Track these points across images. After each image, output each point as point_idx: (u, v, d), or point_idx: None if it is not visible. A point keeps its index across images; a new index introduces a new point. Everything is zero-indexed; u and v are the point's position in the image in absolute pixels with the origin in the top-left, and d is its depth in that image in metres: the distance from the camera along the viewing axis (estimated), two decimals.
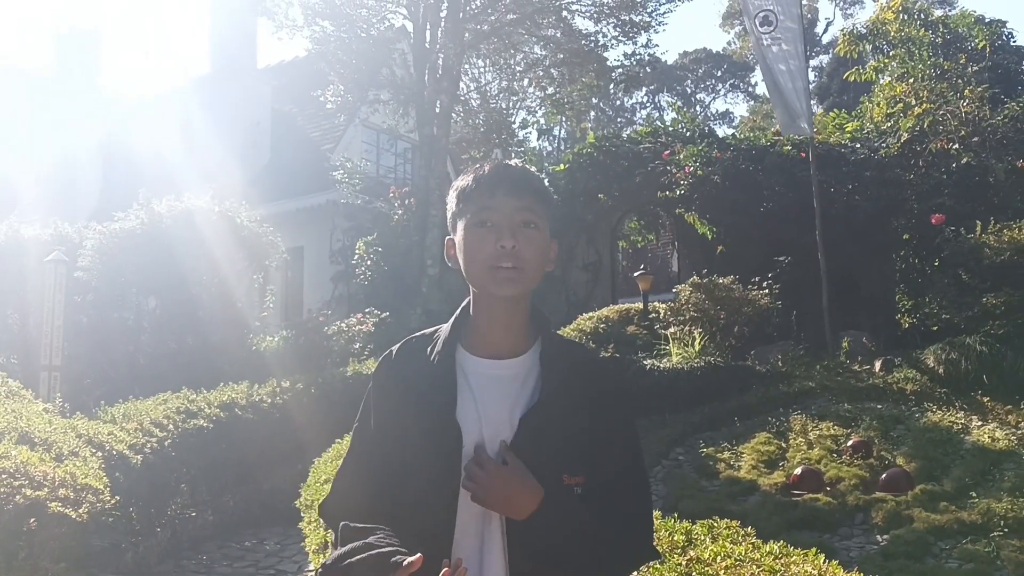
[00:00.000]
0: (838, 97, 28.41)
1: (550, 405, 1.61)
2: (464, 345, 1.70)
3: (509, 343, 1.69)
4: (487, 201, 1.65)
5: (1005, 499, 6.36)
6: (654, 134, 14.67)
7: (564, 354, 1.70)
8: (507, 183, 1.66)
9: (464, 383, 1.66)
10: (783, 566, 2.67)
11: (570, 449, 1.60)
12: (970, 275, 9.31)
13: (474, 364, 1.68)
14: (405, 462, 1.64)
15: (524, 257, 1.63)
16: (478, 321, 1.71)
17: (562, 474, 1.58)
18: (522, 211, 1.65)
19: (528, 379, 1.66)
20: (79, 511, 3.69)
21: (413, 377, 1.69)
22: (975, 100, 11.08)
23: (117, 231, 10.89)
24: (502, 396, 1.64)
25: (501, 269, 1.62)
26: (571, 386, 1.65)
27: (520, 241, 1.63)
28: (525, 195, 1.67)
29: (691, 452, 8.36)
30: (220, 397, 7.82)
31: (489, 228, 1.64)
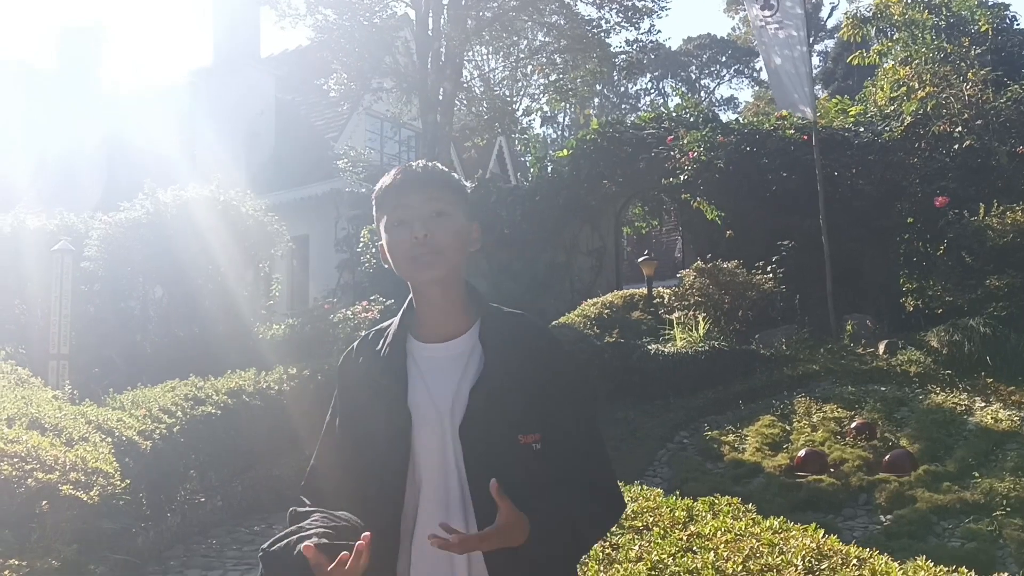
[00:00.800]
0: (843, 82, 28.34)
1: (496, 373, 1.73)
2: (413, 335, 1.84)
3: (450, 325, 1.81)
4: (397, 201, 1.80)
5: (1008, 479, 6.38)
6: (658, 120, 14.65)
7: (504, 324, 1.82)
8: (412, 182, 1.81)
9: (415, 369, 1.79)
10: (782, 540, 2.71)
11: (522, 411, 1.72)
12: (973, 257, 9.29)
13: (422, 350, 1.82)
14: (362, 448, 1.77)
15: (439, 241, 1.76)
16: (420, 310, 1.84)
17: (517, 435, 1.70)
18: (430, 202, 1.78)
19: (473, 355, 1.78)
20: (90, 494, 3.75)
21: (369, 370, 1.83)
22: (978, 83, 11.04)
23: (123, 221, 10.94)
24: (451, 375, 1.77)
25: (419, 256, 1.75)
26: (514, 352, 1.76)
27: (432, 229, 1.76)
28: (430, 188, 1.80)
29: (696, 435, 8.40)
30: (227, 384, 7.88)
31: (404, 224, 1.78)
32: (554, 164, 15.68)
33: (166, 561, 6.20)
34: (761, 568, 2.46)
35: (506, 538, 1.59)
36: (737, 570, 2.46)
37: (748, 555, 2.56)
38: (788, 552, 2.58)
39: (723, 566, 2.50)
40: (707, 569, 2.48)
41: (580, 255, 15.14)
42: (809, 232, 10.81)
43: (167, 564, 6.14)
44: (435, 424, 1.74)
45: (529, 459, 1.70)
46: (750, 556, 2.55)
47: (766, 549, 2.61)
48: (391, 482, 1.74)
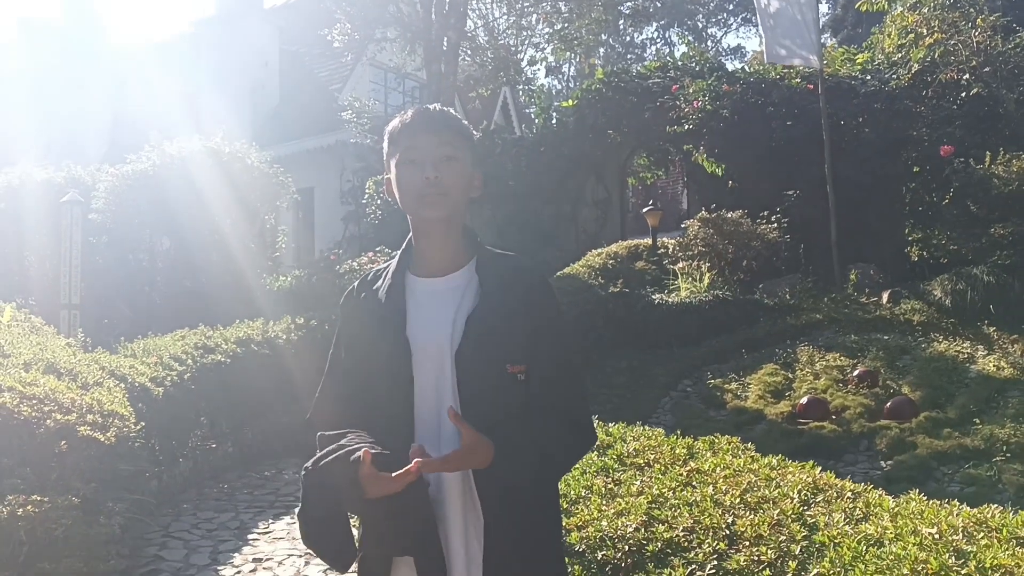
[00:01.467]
0: (852, 30, 27.91)
1: (489, 305, 1.85)
2: (411, 271, 1.95)
3: (447, 261, 1.93)
4: (411, 141, 1.89)
5: (1008, 425, 6.46)
6: (663, 69, 14.51)
7: (498, 262, 1.94)
8: (427, 124, 1.90)
9: (413, 300, 1.90)
10: (779, 475, 2.79)
11: (511, 342, 1.83)
12: (978, 206, 9.27)
13: (420, 284, 1.93)
14: (368, 377, 1.89)
15: (447, 184, 1.87)
16: (419, 246, 1.95)
17: (505, 364, 1.81)
18: (442, 146, 1.88)
19: (468, 289, 1.90)
20: (107, 435, 3.85)
21: (370, 305, 1.94)
22: (987, 29, 10.90)
23: (130, 173, 10.96)
24: (446, 306, 1.88)
25: (428, 196, 1.85)
26: (506, 288, 1.88)
27: (443, 172, 1.86)
28: (444, 132, 1.90)
29: (699, 384, 8.49)
30: (236, 333, 7.97)
31: (416, 164, 1.87)
32: (559, 115, 15.59)
33: (179, 504, 6.34)
34: (758, 500, 2.53)
35: (468, 460, 1.72)
36: (735, 502, 2.54)
37: (746, 488, 2.64)
38: (785, 486, 2.66)
39: (721, 499, 2.58)
40: (705, 501, 2.56)
41: (585, 206, 15.14)
42: (814, 182, 10.78)
43: (180, 507, 6.28)
44: (433, 351, 1.85)
45: (514, 388, 1.83)
46: (747, 490, 2.63)
47: (763, 483, 2.69)
48: (399, 409, 1.84)
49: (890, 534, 2.16)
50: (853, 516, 2.38)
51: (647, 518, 2.55)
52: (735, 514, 2.46)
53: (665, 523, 2.51)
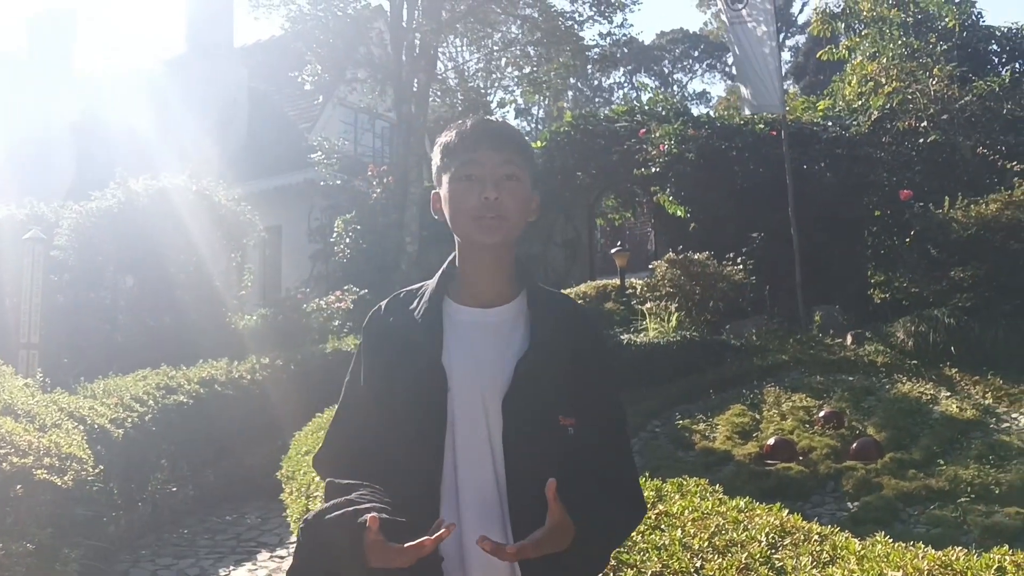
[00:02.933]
0: (814, 77, 28.59)
1: (541, 350, 1.66)
2: (451, 296, 1.76)
3: (495, 291, 1.74)
4: (470, 155, 1.70)
5: (972, 466, 6.52)
6: (630, 113, 14.75)
7: (550, 302, 1.76)
8: (489, 138, 1.72)
9: (452, 331, 1.70)
10: (747, 518, 2.79)
11: (561, 392, 1.66)
12: (938, 250, 9.45)
13: (462, 312, 1.74)
14: (394, 411, 1.68)
15: (507, 207, 1.68)
16: (465, 271, 1.76)
17: (557, 415, 1.64)
18: (504, 164, 1.70)
19: (515, 326, 1.71)
20: (64, 479, 3.75)
21: (401, 328, 1.73)
22: (944, 79, 11.22)
23: (93, 210, 10.85)
24: (491, 342, 1.70)
25: (485, 218, 1.67)
26: (558, 332, 1.70)
27: (503, 192, 1.68)
28: (506, 149, 1.71)
29: (667, 424, 8.49)
30: (200, 374, 7.87)
31: (473, 181, 1.69)
32: None
33: (138, 550, 6.20)
34: (726, 543, 2.52)
35: (555, 542, 1.50)
36: (703, 546, 2.53)
37: (714, 532, 2.63)
38: (752, 529, 2.65)
39: (690, 542, 2.57)
40: (674, 545, 2.55)
41: (554, 246, 15.23)
42: (778, 224, 10.95)
43: (139, 553, 6.15)
44: (472, 389, 1.66)
45: (564, 442, 1.65)
46: (716, 533, 2.62)
47: (731, 526, 2.68)
48: (427, 445, 1.65)
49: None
50: (820, 559, 2.38)
51: (615, 562, 2.53)
52: (704, 558, 2.44)
53: (634, 567, 2.49)
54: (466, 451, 1.64)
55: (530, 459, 1.60)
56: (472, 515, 1.62)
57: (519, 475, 1.60)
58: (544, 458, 1.59)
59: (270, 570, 5.78)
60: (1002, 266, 8.85)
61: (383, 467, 1.67)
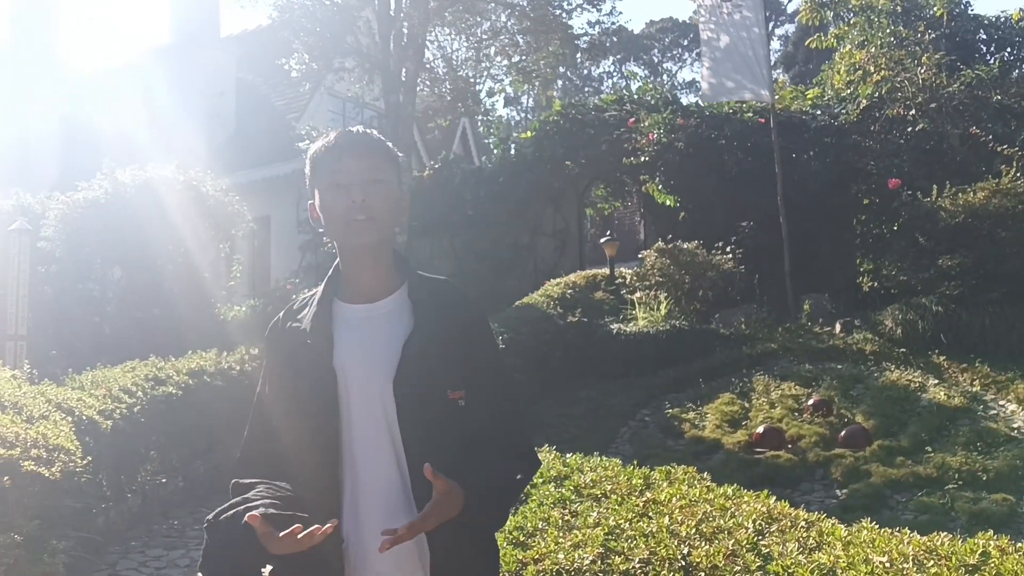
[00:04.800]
0: (803, 66, 28.60)
1: (426, 329, 1.78)
2: (340, 297, 1.88)
3: (378, 286, 1.86)
4: (337, 165, 1.82)
5: (959, 453, 6.60)
6: (620, 102, 14.73)
7: (430, 287, 1.88)
8: (353, 147, 1.84)
9: (344, 328, 1.83)
10: (734, 505, 2.80)
11: (449, 368, 1.77)
12: (927, 238, 9.50)
13: (350, 311, 1.86)
14: (293, 413, 1.81)
15: (375, 208, 1.80)
16: (347, 272, 1.88)
17: (446, 390, 1.75)
18: (369, 170, 1.82)
19: (401, 314, 1.83)
20: (52, 470, 3.73)
21: (295, 335, 1.86)
22: (932, 67, 11.25)
23: (80, 201, 10.76)
24: (380, 332, 1.81)
25: (355, 221, 1.79)
26: (440, 312, 1.82)
27: (370, 195, 1.79)
28: (370, 156, 1.84)
29: (657, 413, 8.53)
30: (188, 365, 7.81)
31: (341, 188, 1.80)
32: (517, 145, 15.71)
33: (127, 541, 6.17)
34: (713, 530, 2.54)
35: (445, 512, 1.63)
36: (691, 533, 2.54)
37: (701, 519, 2.64)
38: (740, 516, 2.67)
39: (677, 529, 2.58)
40: (662, 532, 2.56)
41: (544, 236, 15.23)
42: (767, 213, 10.98)
43: (128, 544, 6.12)
44: (367, 380, 1.77)
45: (455, 414, 1.76)
46: (703, 520, 2.64)
47: (719, 513, 2.69)
48: (324, 442, 1.77)
49: (843, 563, 2.18)
50: (807, 545, 2.39)
51: (604, 550, 2.54)
52: (691, 545, 2.46)
53: (622, 555, 2.50)
54: (366, 440, 1.77)
55: (426, 434, 1.73)
56: (375, 500, 1.75)
57: (417, 451, 1.71)
58: (439, 432, 1.73)
59: None
60: (989, 254, 8.90)
61: (289, 467, 1.79)
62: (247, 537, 1.58)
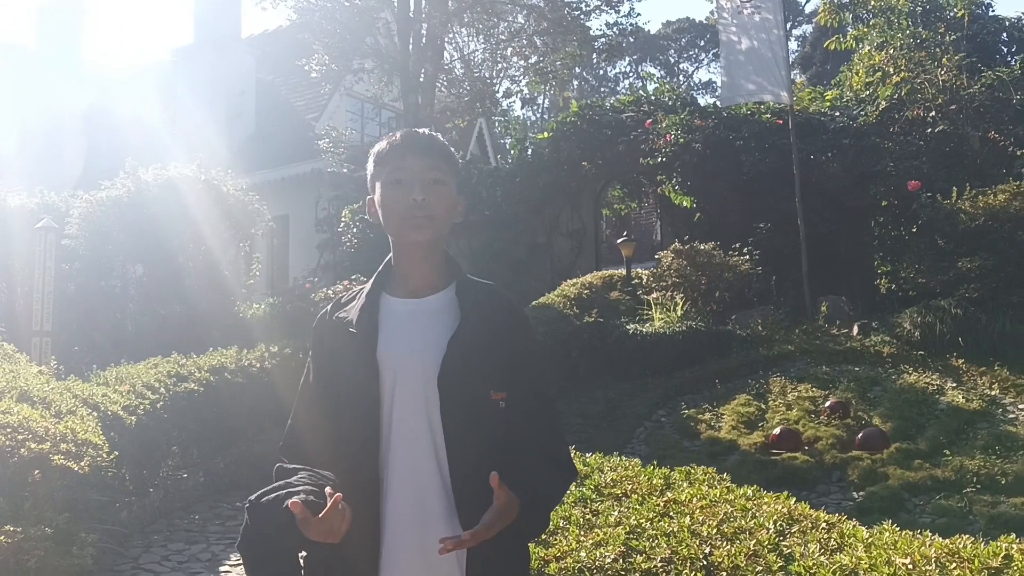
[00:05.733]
0: (821, 67, 28.49)
1: (471, 328, 1.82)
2: (388, 291, 1.93)
3: (427, 283, 1.91)
4: (399, 162, 1.88)
5: (978, 456, 6.57)
6: (636, 103, 14.74)
7: (477, 289, 1.93)
8: (416, 146, 1.89)
9: (390, 322, 1.87)
10: (755, 505, 2.83)
11: (492, 368, 1.81)
12: (946, 240, 9.46)
13: (397, 304, 1.90)
14: (336, 404, 1.85)
15: (433, 208, 1.85)
16: (399, 267, 1.93)
17: (489, 389, 1.80)
18: (430, 169, 1.87)
19: (447, 312, 1.87)
20: (80, 464, 3.81)
21: (342, 327, 1.90)
22: (952, 69, 11.21)
23: (104, 199, 10.90)
24: (426, 327, 1.86)
25: (415, 218, 1.84)
26: (486, 314, 1.86)
27: (430, 195, 1.85)
28: (432, 155, 1.89)
29: (673, 414, 8.54)
30: (210, 361, 7.91)
31: (402, 185, 1.86)
32: (534, 146, 15.74)
33: (149, 535, 6.25)
34: (734, 531, 2.57)
35: (504, 520, 1.66)
36: (712, 533, 2.57)
37: (722, 519, 2.67)
38: (760, 516, 2.70)
39: (698, 529, 2.61)
40: (683, 532, 2.59)
41: (560, 236, 15.26)
42: (785, 215, 10.96)
43: (151, 538, 6.20)
44: (411, 373, 1.81)
45: (496, 415, 1.81)
46: (724, 520, 2.67)
47: (739, 514, 2.72)
48: (367, 432, 1.81)
49: (864, 564, 2.20)
50: (828, 547, 2.42)
51: (625, 548, 2.57)
52: (712, 545, 2.49)
53: (643, 554, 2.53)
54: (405, 434, 1.80)
55: (468, 432, 1.77)
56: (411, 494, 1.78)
57: (458, 448, 1.76)
58: (480, 430, 1.77)
59: None
60: (1010, 257, 8.87)
61: (330, 456, 1.83)
62: (286, 521, 1.61)
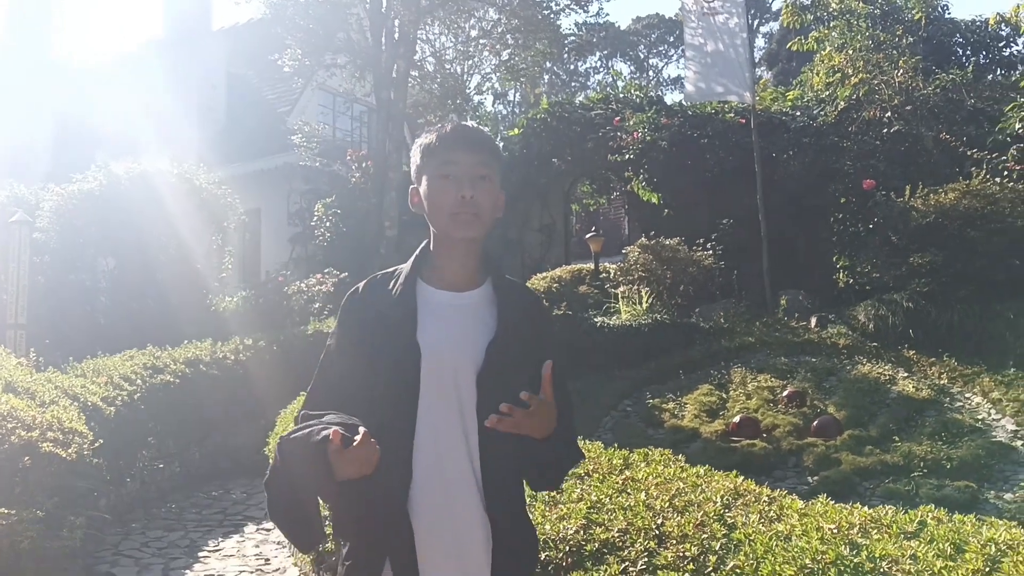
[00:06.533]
0: (787, 63, 28.90)
1: (508, 333, 1.88)
2: (424, 279, 1.95)
3: (465, 278, 1.94)
4: (448, 156, 1.89)
5: (925, 443, 6.88)
6: (605, 101, 15.01)
7: (513, 290, 1.98)
8: (465, 141, 1.91)
9: (426, 310, 1.89)
10: (705, 482, 3.08)
11: (522, 370, 1.85)
12: (899, 237, 9.78)
13: (434, 295, 1.92)
14: (372, 381, 1.86)
15: (480, 205, 1.88)
16: (439, 259, 1.95)
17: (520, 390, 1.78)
18: (478, 166, 1.89)
19: (486, 308, 1.92)
20: (68, 451, 3.97)
21: (379, 306, 1.91)
22: (908, 71, 11.56)
23: (75, 193, 10.92)
24: (463, 322, 1.89)
25: (462, 215, 1.87)
26: (521, 314, 1.93)
27: (477, 191, 1.87)
28: (481, 152, 1.91)
29: (639, 403, 8.79)
30: (185, 354, 8.04)
31: (451, 180, 1.88)
32: (505, 142, 15.95)
33: (128, 524, 6.40)
34: (685, 504, 2.81)
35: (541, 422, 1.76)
36: (664, 506, 2.81)
37: (674, 494, 2.91)
38: (709, 491, 2.95)
39: (652, 503, 2.85)
40: (639, 506, 2.83)
41: (531, 231, 15.49)
42: (748, 211, 11.27)
43: (129, 527, 6.34)
44: (444, 363, 1.84)
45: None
46: (676, 495, 2.91)
47: (690, 489, 2.96)
48: (400, 413, 1.83)
49: (797, 531, 2.45)
50: (768, 516, 2.67)
51: (586, 521, 2.81)
52: (664, 516, 2.73)
53: (602, 526, 2.77)
54: (436, 423, 1.83)
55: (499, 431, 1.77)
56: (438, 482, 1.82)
57: (490, 444, 1.81)
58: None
59: (257, 541, 6.02)
60: (958, 253, 9.19)
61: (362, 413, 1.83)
62: (318, 455, 1.64)
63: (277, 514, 1.79)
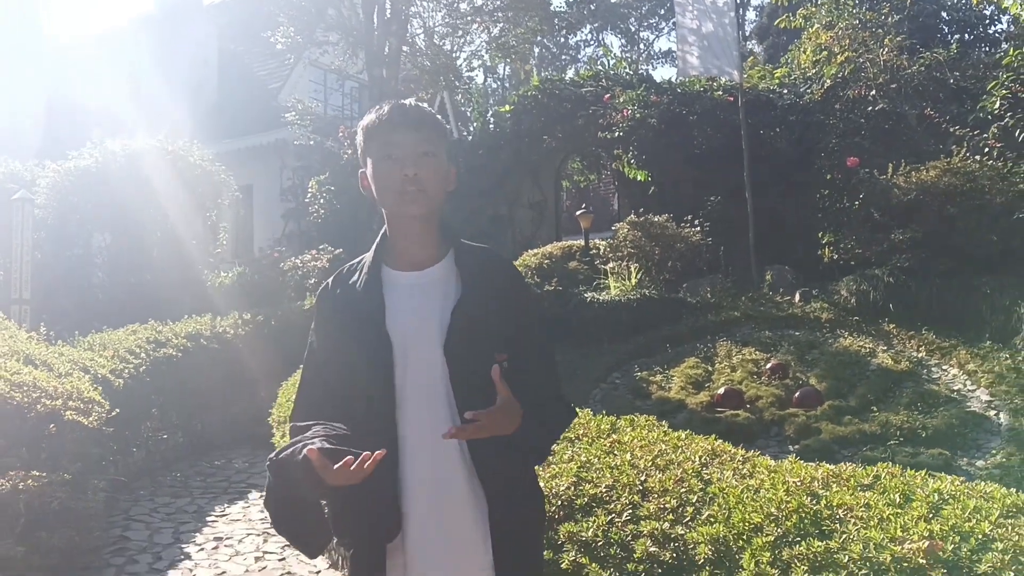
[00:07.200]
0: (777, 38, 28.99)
1: (473, 295, 1.88)
2: (388, 264, 1.97)
3: (426, 255, 1.96)
4: (389, 137, 1.90)
5: (902, 412, 7.14)
6: (596, 78, 15.14)
7: (475, 255, 1.99)
8: (405, 120, 1.91)
9: (393, 294, 1.92)
10: (685, 444, 3.35)
11: (495, 331, 1.88)
12: (881, 213, 10.00)
13: (399, 277, 1.95)
14: (348, 372, 1.90)
15: (425, 181, 1.89)
16: (395, 240, 1.98)
17: (493, 352, 1.83)
18: (420, 143, 1.90)
19: (448, 281, 1.93)
20: (89, 419, 4.21)
21: (347, 299, 1.95)
22: (894, 49, 11.75)
23: (71, 169, 11.07)
24: (430, 298, 1.91)
25: (407, 192, 1.88)
26: (485, 279, 1.93)
27: (421, 168, 1.88)
28: (421, 129, 1.91)
29: (627, 376, 9.04)
30: (186, 328, 8.26)
31: (394, 160, 1.89)
32: (496, 119, 16.08)
33: (136, 491, 6.66)
34: (666, 463, 3.07)
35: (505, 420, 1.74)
36: (648, 465, 3.07)
37: (657, 455, 3.17)
38: (688, 452, 3.21)
39: (637, 462, 3.11)
40: (624, 465, 3.09)
41: (522, 208, 15.67)
42: (735, 188, 11.49)
43: (137, 494, 6.60)
44: (419, 342, 1.86)
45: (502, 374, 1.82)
46: (658, 455, 3.17)
47: (671, 450, 3.23)
48: (379, 401, 1.86)
49: (767, 484, 2.72)
50: (741, 473, 2.94)
51: (576, 479, 3.07)
52: (647, 474, 2.99)
53: (591, 482, 3.03)
54: (420, 401, 1.86)
55: (476, 395, 1.78)
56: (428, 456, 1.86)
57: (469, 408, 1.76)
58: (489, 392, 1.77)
59: (262, 506, 6.28)
60: (938, 229, 9.41)
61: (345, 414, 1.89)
62: (305, 471, 1.68)
63: (281, 528, 1.88)
